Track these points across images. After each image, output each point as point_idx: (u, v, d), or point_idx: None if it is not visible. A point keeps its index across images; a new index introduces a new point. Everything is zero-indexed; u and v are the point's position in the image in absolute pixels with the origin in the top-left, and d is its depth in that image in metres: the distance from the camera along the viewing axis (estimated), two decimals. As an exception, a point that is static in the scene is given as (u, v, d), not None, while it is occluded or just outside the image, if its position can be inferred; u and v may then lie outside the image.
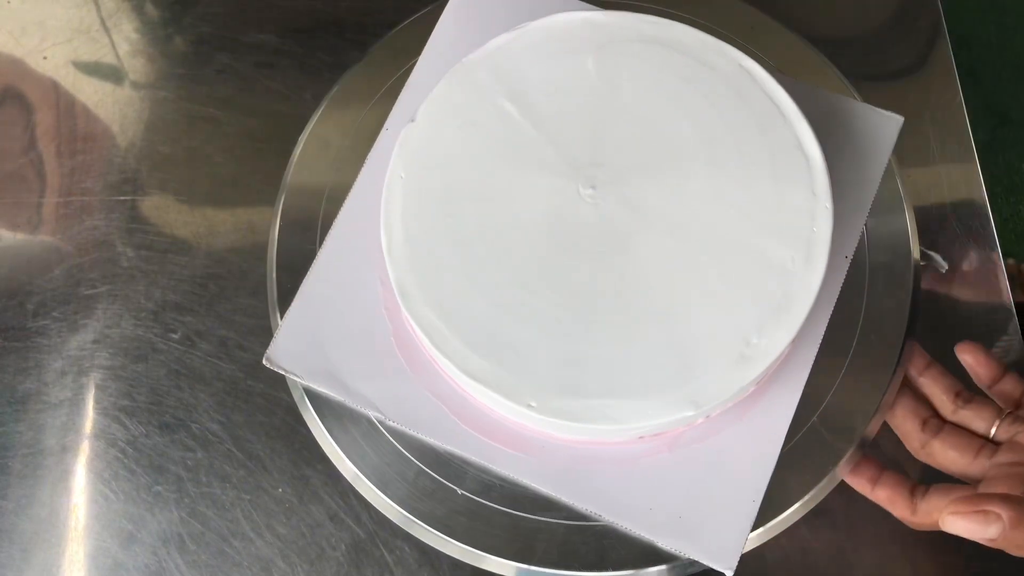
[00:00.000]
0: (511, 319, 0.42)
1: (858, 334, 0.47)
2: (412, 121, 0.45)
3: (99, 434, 0.49)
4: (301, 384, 0.46)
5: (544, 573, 0.45)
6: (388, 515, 0.46)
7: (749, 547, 0.45)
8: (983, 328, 0.49)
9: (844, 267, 0.46)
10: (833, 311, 0.46)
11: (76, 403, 0.49)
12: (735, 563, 0.42)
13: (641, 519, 0.43)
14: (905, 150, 0.52)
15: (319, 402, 0.48)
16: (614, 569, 0.44)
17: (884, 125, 0.48)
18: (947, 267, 0.50)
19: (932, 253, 0.50)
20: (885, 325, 0.48)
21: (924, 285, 0.50)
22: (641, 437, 0.43)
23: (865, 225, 0.48)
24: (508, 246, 0.43)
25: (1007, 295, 0.49)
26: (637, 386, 0.40)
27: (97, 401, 0.49)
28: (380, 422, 0.46)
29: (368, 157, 0.49)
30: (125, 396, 0.49)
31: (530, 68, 0.46)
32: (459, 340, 0.41)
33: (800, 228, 0.42)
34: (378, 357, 0.45)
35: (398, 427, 0.44)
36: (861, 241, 0.48)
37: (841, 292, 0.46)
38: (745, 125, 0.44)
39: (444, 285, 0.42)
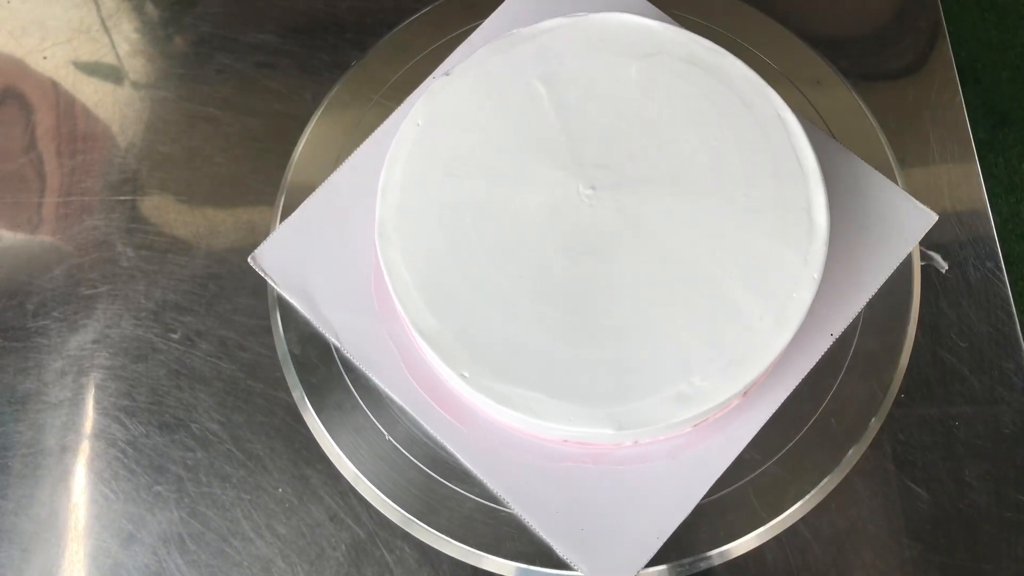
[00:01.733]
0: (473, 291, 0.42)
1: (820, 412, 0.47)
2: (446, 75, 0.46)
3: (99, 434, 0.49)
4: (280, 297, 0.47)
5: (547, 573, 0.45)
6: (388, 515, 0.46)
7: (749, 547, 0.45)
8: (984, 327, 0.49)
9: (826, 344, 0.45)
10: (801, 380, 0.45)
11: (76, 403, 0.49)
12: None
13: (544, 518, 0.43)
14: (905, 150, 0.52)
15: (319, 402, 0.48)
16: (509, 558, 0.45)
17: (915, 217, 0.47)
18: (947, 267, 0.50)
19: (932, 253, 0.50)
20: (848, 412, 0.47)
21: (924, 285, 0.49)
22: (566, 440, 0.43)
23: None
24: (494, 222, 0.43)
25: (1007, 295, 0.49)
26: (568, 390, 0.40)
27: (97, 401, 0.49)
28: (336, 349, 0.47)
29: (406, 100, 0.49)
30: (125, 396, 0.49)
31: (574, 57, 0.46)
32: (418, 293, 0.42)
33: (780, 290, 0.41)
34: (353, 290, 0.46)
35: (351, 359, 0.45)
36: (854, 322, 0.46)
37: (816, 365, 0.45)
38: (762, 173, 0.43)
39: (422, 239, 0.43)
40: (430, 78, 0.49)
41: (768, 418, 0.44)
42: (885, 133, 0.52)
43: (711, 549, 0.45)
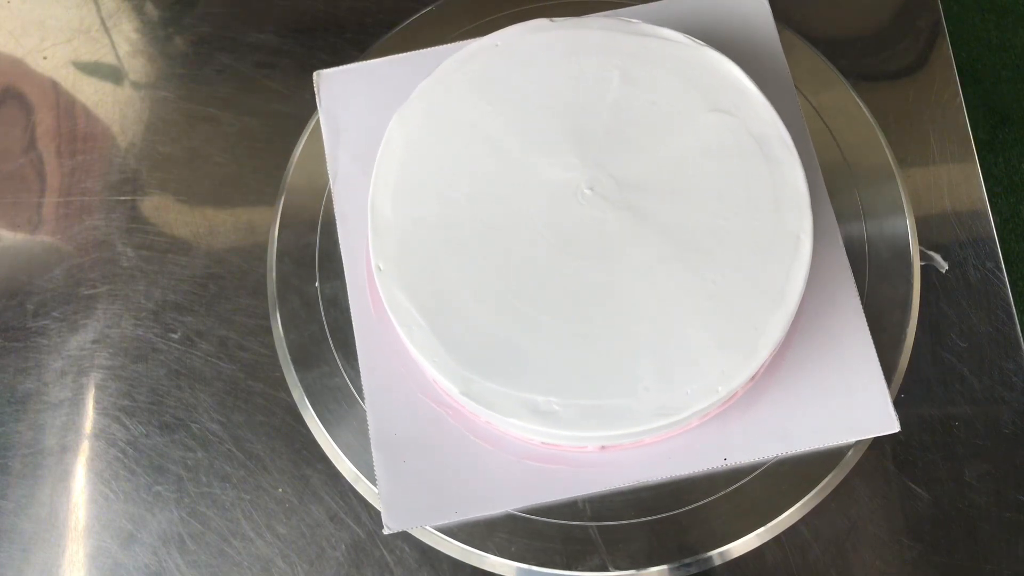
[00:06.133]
0: (439, 212, 0.43)
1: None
2: (551, 21, 0.47)
3: (99, 434, 0.49)
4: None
5: (547, 573, 0.45)
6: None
7: (749, 547, 0.45)
8: (984, 327, 0.49)
9: (716, 463, 0.44)
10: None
11: (76, 403, 0.49)
12: (392, 527, 0.43)
13: (383, 429, 0.45)
14: (905, 150, 0.52)
15: (319, 402, 0.48)
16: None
17: (878, 417, 0.44)
18: (947, 267, 0.50)
19: (932, 253, 0.50)
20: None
21: (924, 284, 0.49)
22: (435, 381, 0.44)
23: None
24: (486, 193, 0.44)
25: (1007, 295, 0.49)
26: (449, 333, 0.41)
27: (97, 401, 0.49)
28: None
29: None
30: (125, 396, 0.49)
31: (666, 72, 0.45)
32: (394, 183, 0.44)
33: (681, 380, 0.40)
34: (371, 152, 0.47)
35: (335, 205, 0.49)
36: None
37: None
38: (745, 274, 0.42)
39: (425, 152, 0.45)
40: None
41: (613, 488, 0.44)
42: (885, 133, 0.52)
43: (711, 549, 0.45)
